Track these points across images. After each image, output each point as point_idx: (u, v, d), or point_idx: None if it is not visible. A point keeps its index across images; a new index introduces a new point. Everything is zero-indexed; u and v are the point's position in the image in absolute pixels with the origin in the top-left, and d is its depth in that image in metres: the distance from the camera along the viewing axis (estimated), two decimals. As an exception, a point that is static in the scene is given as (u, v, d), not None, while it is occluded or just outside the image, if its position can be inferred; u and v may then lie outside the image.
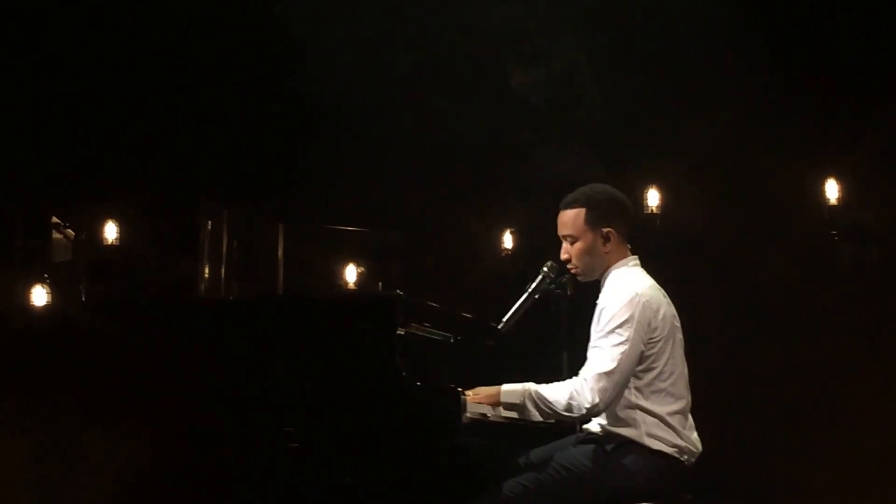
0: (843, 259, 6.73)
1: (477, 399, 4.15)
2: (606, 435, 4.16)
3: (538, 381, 4.21)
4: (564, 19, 6.86)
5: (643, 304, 4.08)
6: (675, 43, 6.87)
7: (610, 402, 4.02)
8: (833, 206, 6.62)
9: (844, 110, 6.61)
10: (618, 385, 4.01)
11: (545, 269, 4.46)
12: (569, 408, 4.01)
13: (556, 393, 4.04)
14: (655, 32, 6.93)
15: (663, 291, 4.26)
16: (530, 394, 4.07)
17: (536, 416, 4.08)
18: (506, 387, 4.13)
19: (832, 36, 6.73)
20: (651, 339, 4.09)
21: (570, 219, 4.23)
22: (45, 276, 6.99)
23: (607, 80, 6.96)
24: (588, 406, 3.98)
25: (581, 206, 4.21)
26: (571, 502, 4.10)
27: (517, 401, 4.09)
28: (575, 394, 4.00)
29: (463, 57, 7.03)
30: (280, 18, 7.05)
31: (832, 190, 6.61)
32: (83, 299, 6.78)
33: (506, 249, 7.11)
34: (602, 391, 3.98)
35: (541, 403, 4.05)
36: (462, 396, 4.05)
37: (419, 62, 7.07)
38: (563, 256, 4.28)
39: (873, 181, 6.70)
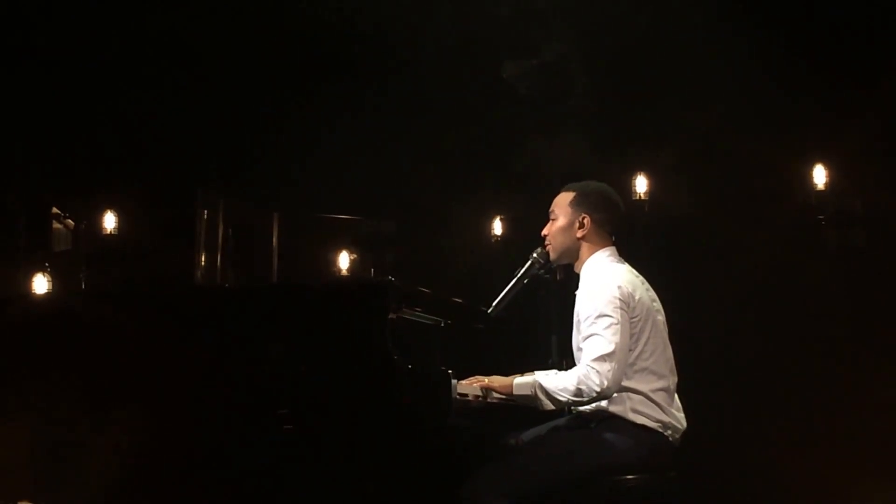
0: (830, 244, 6.69)
1: (490, 387, 4.30)
2: (593, 413, 4.29)
3: (527, 365, 4.37)
4: (554, 9, 6.86)
5: (619, 286, 4.24)
6: (662, 30, 6.84)
7: (618, 382, 4.16)
8: (820, 192, 6.58)
9: (832, 96, 6.57)
10: (621, 363, 4.16)
11: (534, 254, 4.58)
12: (578, 393, 4.14)
13: (565, 381, 4.17)
14: (644, 20, 6.89)
15: (642, 278, 4.42)
16: (541, 385, 4.20)
17: (549, 406, 4.20)
18: (518, 379, 4.28)
19: (820, 22, 6.72)
20: (632, 318, 4.24)
21: (561, 199, 4.51)
22: (46, 265, 7.07)
23: (596, 69, 6.96)
24: (598, 390, 4.12)
25: (574, 191, 4.48)
26: (561, 480, 4.21)
27: (529, 392, 4.22)
28: (583, 378, 4.13)
29: (453, 45, 7.01)
30: (274, 10, 7.06)
31: (819, 175, 6.57)
32: (83, 287, 6.84)
33: (495, 236, 7.14)
34: (608, 373, 4.12)
35: (552, 393, 4.18)
36: (452, 380, 4.12)
37: (409, 51, 7.07)
38: (544, 231, 4.51)
39: (861, 167, 6.69)
